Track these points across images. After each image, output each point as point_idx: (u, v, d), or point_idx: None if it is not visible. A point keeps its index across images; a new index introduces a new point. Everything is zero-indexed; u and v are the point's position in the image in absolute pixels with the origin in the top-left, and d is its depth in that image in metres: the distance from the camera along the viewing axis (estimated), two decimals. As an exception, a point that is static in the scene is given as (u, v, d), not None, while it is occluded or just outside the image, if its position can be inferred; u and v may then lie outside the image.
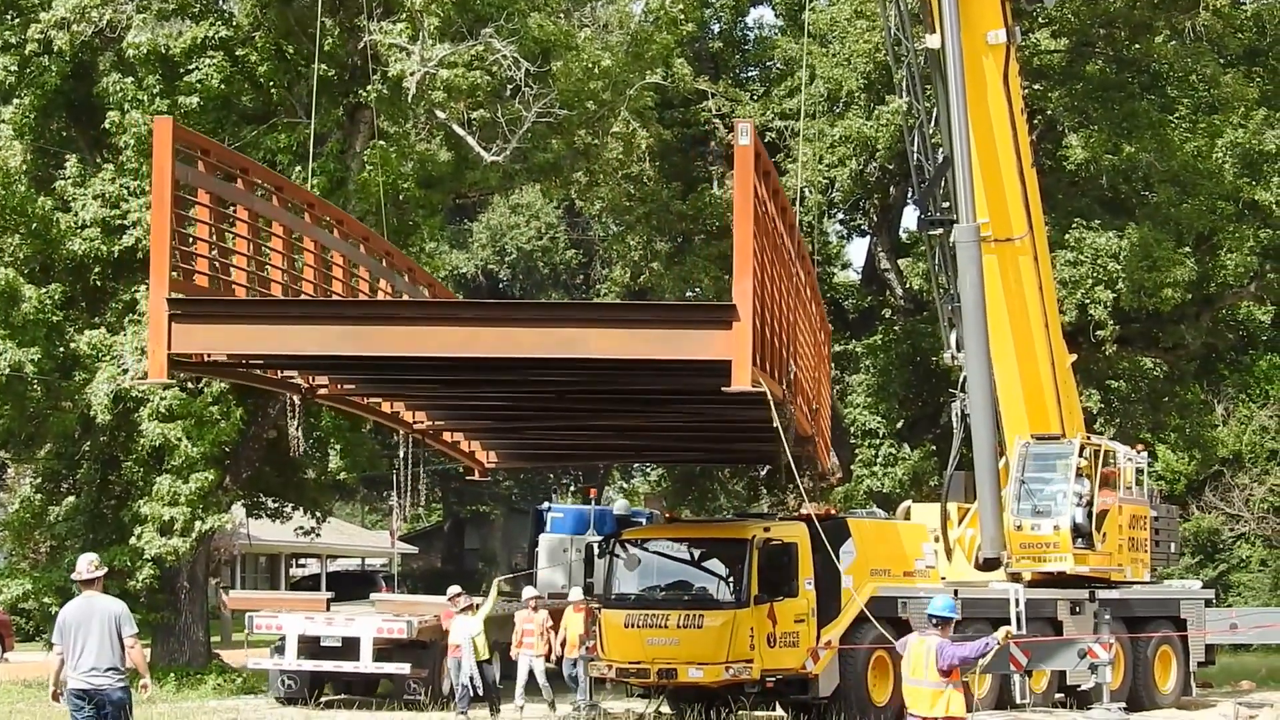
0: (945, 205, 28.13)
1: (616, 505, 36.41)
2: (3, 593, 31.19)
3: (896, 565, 26.02)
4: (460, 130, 30.78)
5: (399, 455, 37.01)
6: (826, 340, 29.41)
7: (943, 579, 26.69)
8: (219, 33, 29.99)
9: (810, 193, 38.55)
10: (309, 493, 38.72)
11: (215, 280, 17.98)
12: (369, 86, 29.85)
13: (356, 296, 21.63)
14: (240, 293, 18.42)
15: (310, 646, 27.71)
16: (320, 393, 21.28)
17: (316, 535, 43.53)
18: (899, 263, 41.60)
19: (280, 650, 27.86)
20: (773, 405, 17.30)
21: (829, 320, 32.74)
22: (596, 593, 27.68)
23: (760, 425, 18.73)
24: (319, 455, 36.39)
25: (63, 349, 30.29)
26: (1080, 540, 27.39)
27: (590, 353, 16.42)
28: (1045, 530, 27.41)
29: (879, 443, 40.24)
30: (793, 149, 37.83)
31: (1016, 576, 27.05)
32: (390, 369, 19.24)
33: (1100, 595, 27.69)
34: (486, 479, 30.44)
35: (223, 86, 29.89)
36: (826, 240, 44.05)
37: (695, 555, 25.32)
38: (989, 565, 26.62)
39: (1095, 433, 33.42)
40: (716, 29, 44.06)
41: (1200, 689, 30.95)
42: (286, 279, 19.85)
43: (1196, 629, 29.60)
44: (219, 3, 31.49)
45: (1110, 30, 39.00)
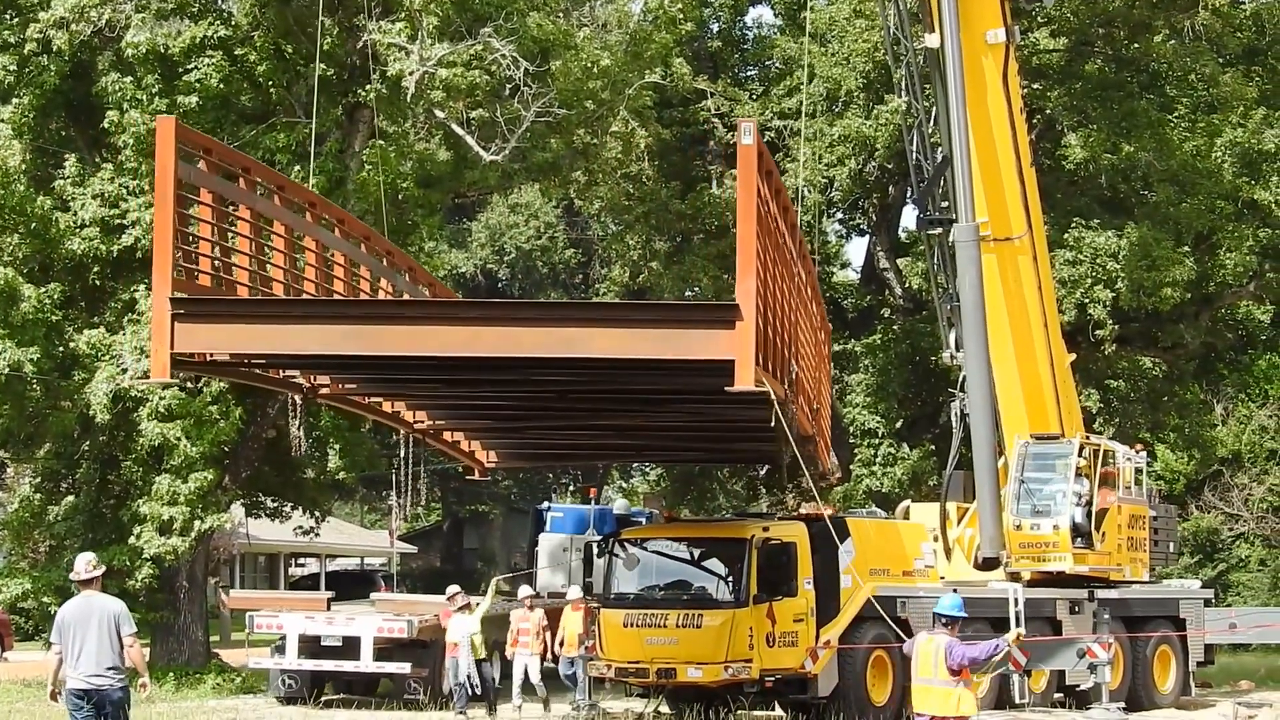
0: (944, 205, 28.11)
1: (616, 505, 36.44)
2: (2, 592, 31.15)
3: (896, 565, 26.02)
4: (459, 130, 30.76)
5: (398, 455, 37.00)
6: (827, 340, 29.40)
7: (942, 579, 26.70)
8: (218, 32, 30.00)
9: (809, 192, 38.53)
10: (308, 492, 38.72)
11: (217, 280, 17.96)
12: (368, 86, 29.84)
13: (358, 296, 21.61)
14: (242, 292, 18.39)
15: (311, 646, 27.71)
16: (322, 392, 21.27)
17: (315, 535, 43.55)
18: (898, 262, 41.58)
19: (281, 650, 27.86)
20: (776, 405, 17.29)
21: (828, 320, 32.72)
22: (596, 592, 27.66)
23: (761, 425, 18.71)
24: (318, 455, 36.40)
25: (62, 349, 30.27)
26: (1079, 540, 27.39)
27: (592, 352, 16.37)
28: (1045, 530, 27.42)
29: (878, 442, 40.21)
30: (792, 148, 37.81)
31: (1015, 576, 27.06)
32: (392, 368, 19.22)
33: (1099, 595, 27.69)
34: (486, 479, 30.42)
35: (222, 86, 29.89)
36: (825, 240, 44.03)
37: (694, 555, 25.32)
38: (988, 565, 26.62)
39: (1094, 432, 33.40)
40: (715, 28, 44.03)
41: (1199, 689, 30.95)
42: (288, 279, 19.83)
43: (1195, 629, 29.59)
44: (218, 2, 31.47)
45: (1109, 29, 38.98)
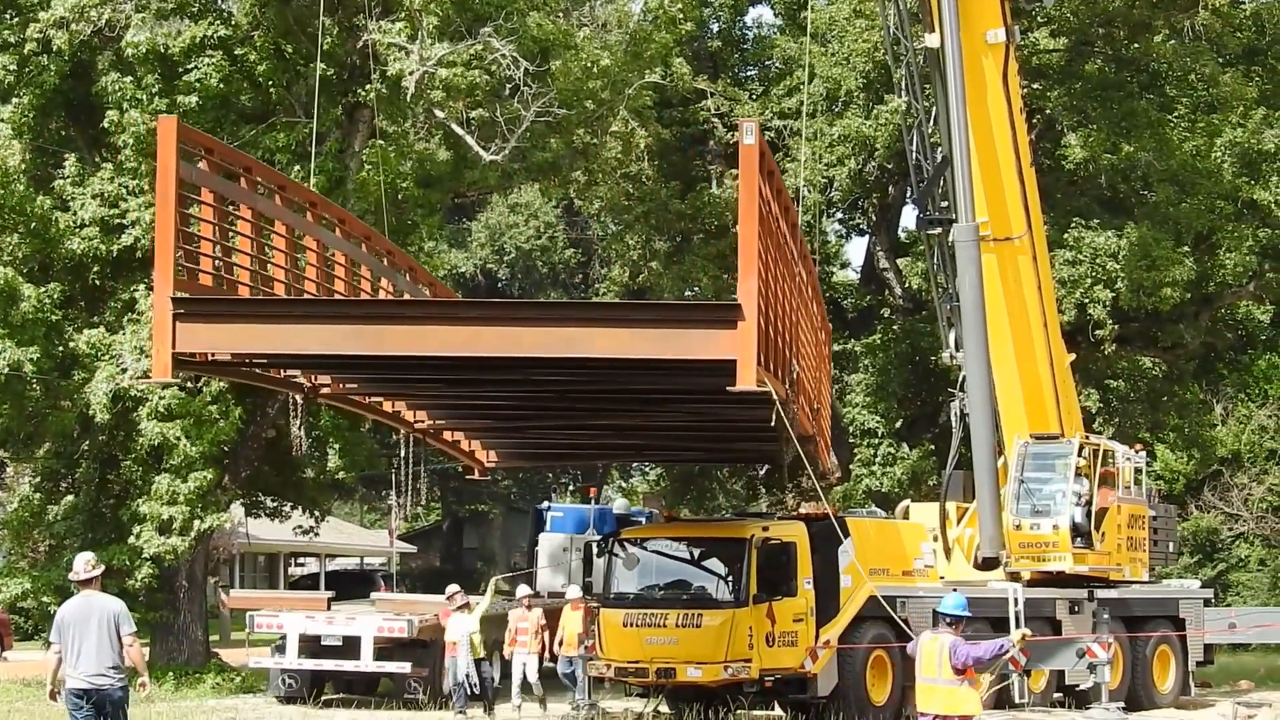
0: (944, 204, 28.11)
1: (616, 504, 36.42)
2: (2, 591, 31.15)
3: (895, 565, 26.02)
4: (459, 129, 30.75)
5: (398, 454, 36.99)
6: (827, 340, 29.40)
7: (941, 578, 26.70)
8: (218, 32, 29.99)
9: (809, 192, 38.53)
10: (308, 492, 38.72)
11: (218, 279, 17.95)
12: (368, 86, 29.85)
13: (359, 296, 21.61)
14: (244, 292, 18.38)
15: (311, 645, 27.71)
16: (323, 392, 21.26)
17: (315, 534, 43.55)
18: (898, 262, 41.59)
19: (281, 649, 27.87)
20: (779, 405, 17.28)
21: (828, 320, 32.72)
22: (595, 592, 27.64)
23: (761, 425, 18.70)
24: (318, 454, 36.41)
25: (61, 348, 30.27)
26: (1079, 540, 27.40)
27: (594, 352, 16.35)
28: (1044, 530, 27.42)
29: (878, 442, 40.21)
30: (791, 148, 37.82)
31: (1015, 576, 27.06)
32: (393, 368, 19.21)
33: (1099, 595, 27.69)
34: (486, 478, 30.41)
35: (221, 86, 29.88)
36: (825, 240, 44.03)
37: (694, 555, 25.32)
38: (988, 565, 26.63)
39: (1094, 432, 33.41)
40: (715, 28, 44.04)
41: (1199, 689, 30.95)
42: (289, 279, 19.81)
43: (1195, 628, 29.57)
44: (218, 2, 31.47)
45: (1109, 29, 38.98)
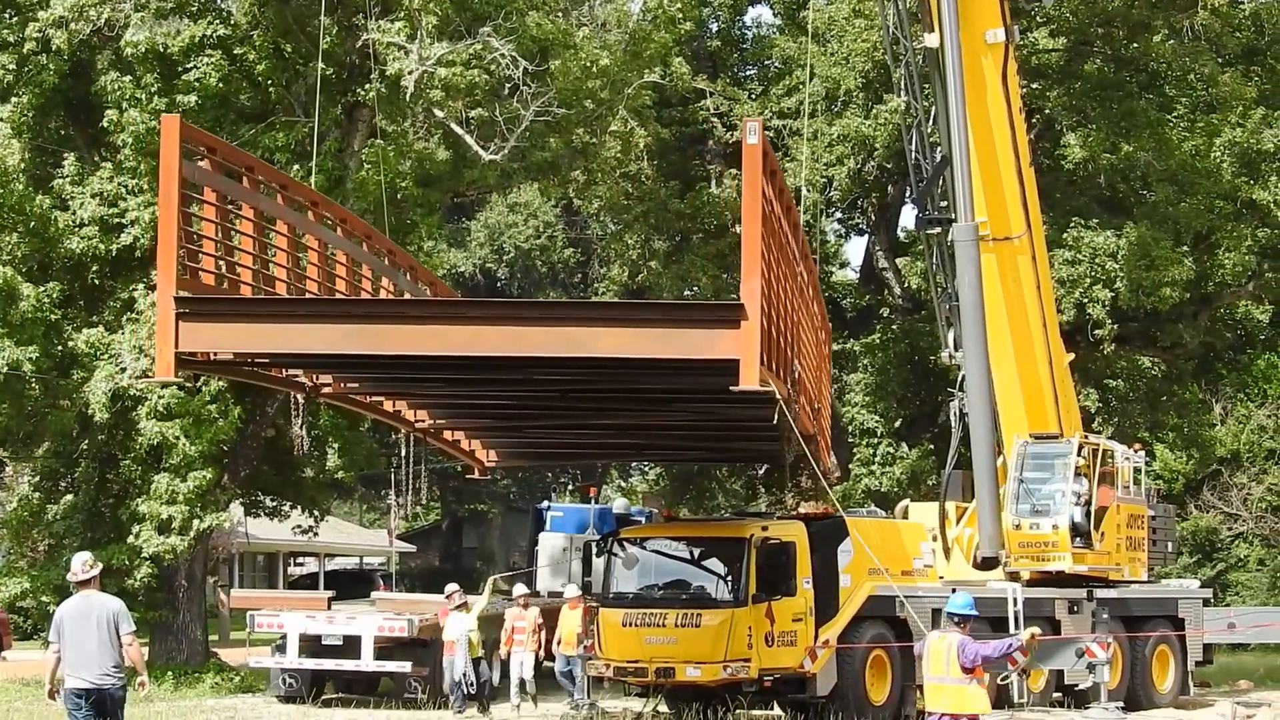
0: (943, 204, 28.11)
1: (616, 504, 36.40)
2: (1, 591, 31.16)
3: (895, 564, 25.97)
4: (458, 129, 30.76)
5: (397, 454, 36.98)
6: (827, 339, 29.40)
7: (941, 578, 26.69)
8: (217, 31, 29.98)
9: (809, 191, 38.53)
10: (307, 491, 38.71)
11: (219, 279, 17.94)
12: (367, 85, 29.85)
13: (360, 295, 21.61)
14: (245, 291, 18.36)
15: (311, 645, 27.73)
16: (324, 391, 21.26)
17: (314, 534, 43.54)
18: (897, 262, 41.60)
19: (281, 649, 27.89)
20: (783, 405, 17.29)
21: (828, 319, 32.71)
22: (595, 591, 27.62)
23: (763, 424, 18.70)
24: (317, 454, 36.40)
25: (61, 347, 30.26)
26: (1078, 539, 27.40)
27: (597, 352, 16.33)
28: (1044, 529, 27.42)
29: (877, 442, 40.22)
30: (791, 148, 37.82)
31: (1015, 575, 27.07)
32: (396, 368, 19.19)
33: (1098, 594, 27.71)
34: (486, 478, 30.39)
35: (221, 85, 29.86)
36: (824, 239, 44.03)
37: (693, 554, 25.30)
38: (987, 564, 26.62)
39: (1093, 432, 33.41)
40: (715, 28, 44.05)
41: (1198, 688, 30.95)
42: (291, 278, 19.80)
43: (1194, 628, 29.57)
44: (217, 1, 31.46)
45: (1108, 29, 38.98)
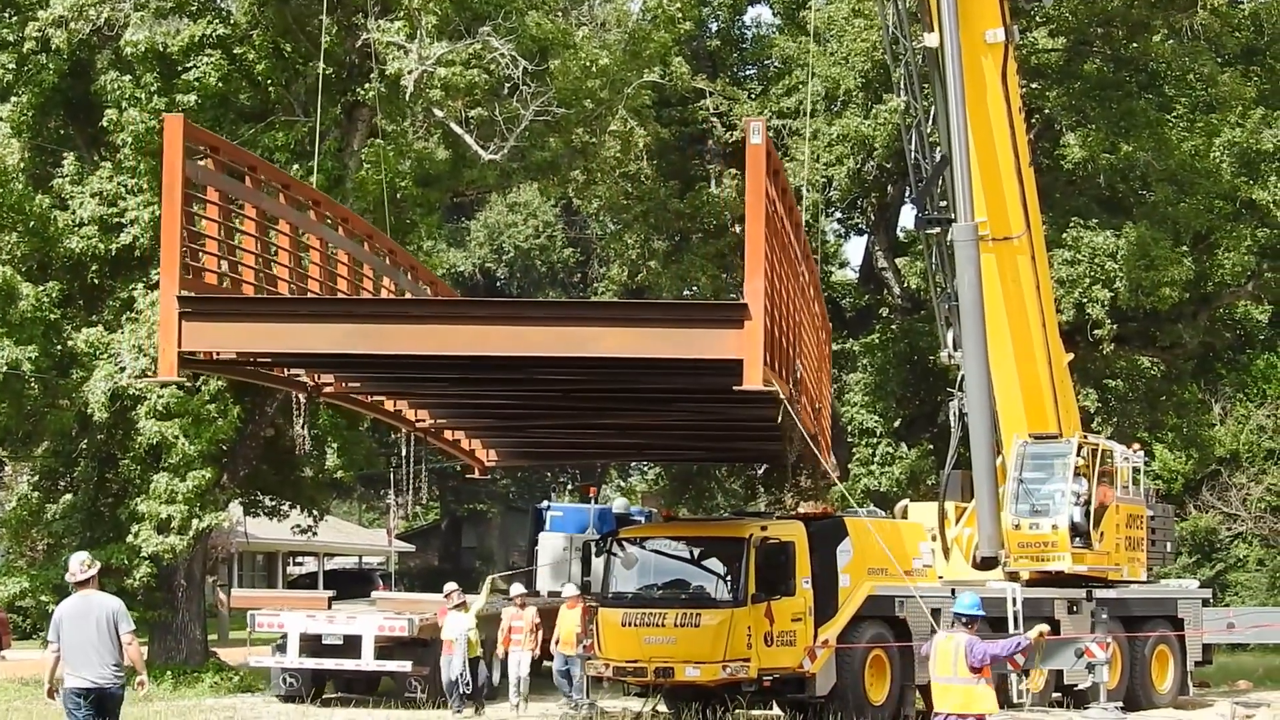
0: (943, 204, 28.10)
1: (615, 504, 36.40)
2: (0, 590, 31.16)
3: (893, 564, 25.97)
4: (458, 128, 30.77)
5: (397, 453, 36.96)
6: (827, 339, 29.39)
7: (940, 578, 26.69)
8: (217, 31, 29.97)
9: (808, 191, 38.53)
10: (306, 491, 38.70)
11: (222, 278, 17.93)
12: (367, 85, 29.84)
13: (361, 295, 21.61)
14: (248, 291, 18.35)
15: (312, 644, 27.73)
16: (326, 391, 21.26)
17: (314, 534, 43.53)
18: (896, 262, 41.60)
19: (282, 648, 27.90)
20: (787, 405, 17.29)
21: (828, 319, 32.69)
22: (594, 591, 27.61)
23: (764, 424, 18.70)
24: (316, 453, 36.39)
25: (60, 347, 30.25)
26: (1078, 539, 27.39)
27: (601, 351, 16.33)
28: (1043, 529, 27.41)
29: (876, 441, 40.21)
30: (790, 148, 37.81)
31: (1014, 575, 27.05)
32: (398, 367, 19.19)
33: (1097, 594, 27.69)
34: (485, 477, 30.38)
35: (220, 85, 29.86)
36: (824, 239, 44.02)
37: (693, 554, 25.29)
38: (987, 564, 26.63)
39: (1092, 432, 33.40)
40: (714, 27, 44.04)
41: (1197, 688, 30.95)
42: (293, 277, 19.79)
43: (1194, 628, 29.56)
44: (216, 1, 31.46)
45: (1108, 29, 38.98)
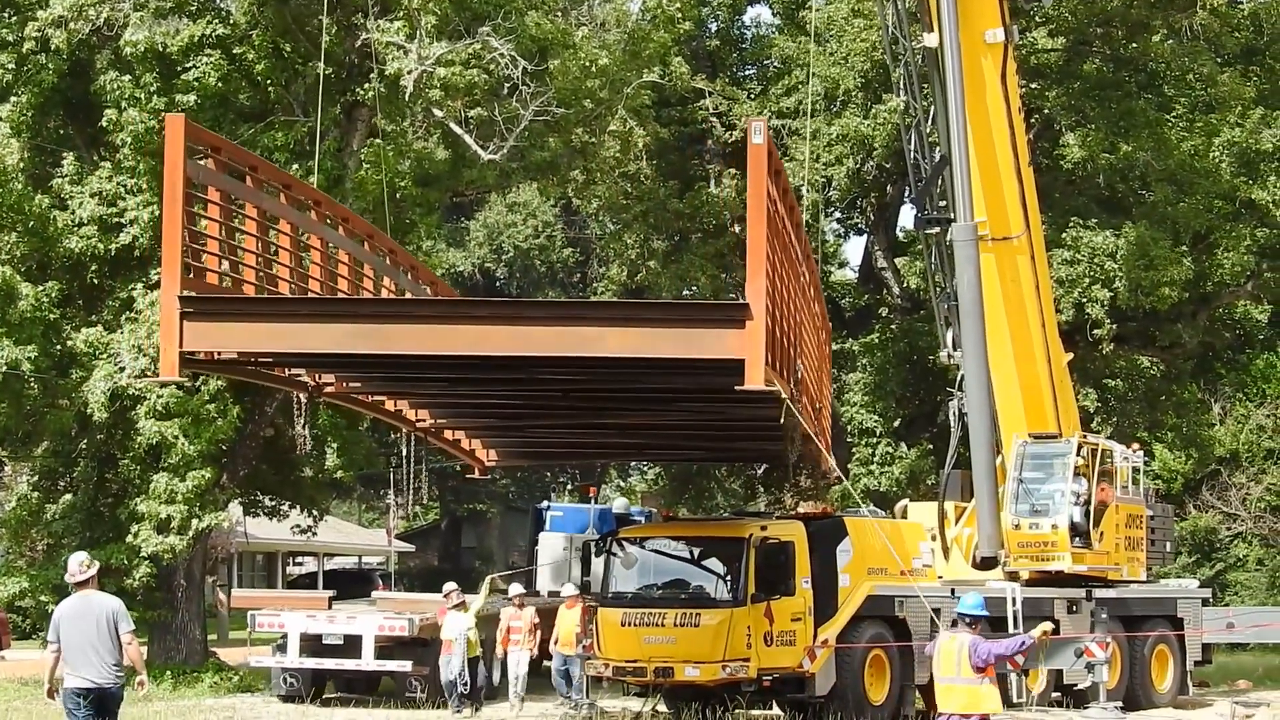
0: (942, 204, 28.11)
1: (615, 504, 36.39)
2: (0, 590, 31.18)
3: (894, 564, 25.98)
4: (457, 128, 30.77)
5: (397, 453, 36.94)
6: (827, 339, 29.39)
7: (940, 578, 26.69)
8: (216, 31, 29.98)
9: (808, 191, 38.52)
10: (306, 490, 38.70)
11: (223, 278, 17.92)
12: (366, 85, 29.84)
13: (362, 295, 21.60)
14: (249, 291, 18.34)
15: (312, 644, 27.71)
16: (326, 390, 21.26)
17: (313, 534, 43.54)
18: (896, 261, 41.60)
19: (282, 648, 27.89)
20: (790, 405, 17.29)
21: (828, 319, 32.69)
22: (594, 591, 27.61)
23: (766, 424, 18.70)
24: (316, 453, 36.40)
25: (59, 347, 30.25)
26: (1078, 539, 27.40)
27: (602, 351, 16.34)
28: (1043, 529, 27.41)
29: (876, 441, 40.22)
30: (790, 148, 37.81)
31: (1014, 575, 27.06)
32: (400, 367, 19.19)
33: (1097, 594, 27.69)
34: (485, 477, 30.38)
35: (220, 84, 29.86)
36: (824, 239, 44.02)
37: (692, 554, 25.29)
38: (986, 564, 26.64)
39: (1092, 431, 33.40)
40: (714, 27, 44.04)
41: (1197, 688, 30.95)
42: (294, 277, 19.79)
43: (1193, 628, 29.56)
44: (216, 1, 31.46)
45: (1107, 29, 38.99)
